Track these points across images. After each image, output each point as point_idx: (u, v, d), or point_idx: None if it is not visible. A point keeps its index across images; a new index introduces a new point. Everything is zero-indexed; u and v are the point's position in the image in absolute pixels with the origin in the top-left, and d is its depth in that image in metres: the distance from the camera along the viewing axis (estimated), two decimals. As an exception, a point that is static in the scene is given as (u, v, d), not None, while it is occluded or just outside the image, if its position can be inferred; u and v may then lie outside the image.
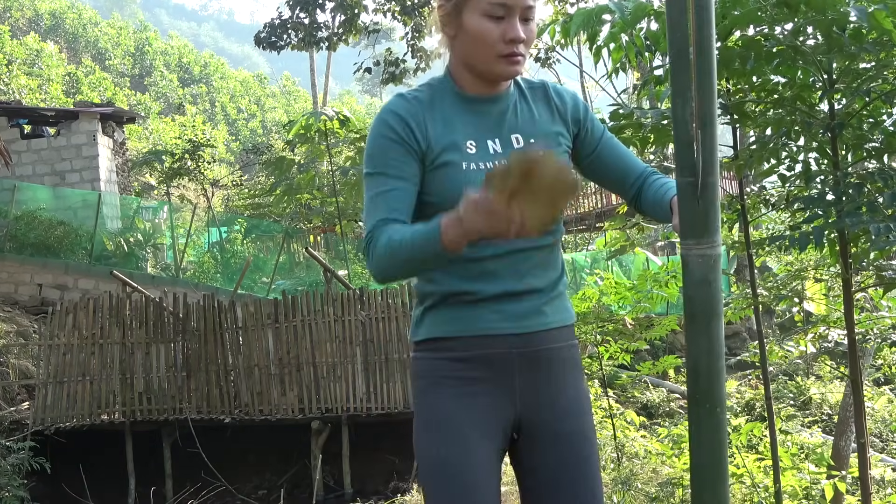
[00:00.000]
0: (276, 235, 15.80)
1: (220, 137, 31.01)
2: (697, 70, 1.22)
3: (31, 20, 38.66)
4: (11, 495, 6.62)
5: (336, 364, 8.10)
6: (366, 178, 1.57)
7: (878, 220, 2.29)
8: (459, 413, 1.56)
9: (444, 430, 1.56)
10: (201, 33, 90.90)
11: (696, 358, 1.29)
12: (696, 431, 1.30)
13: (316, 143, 13.87)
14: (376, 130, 1.57)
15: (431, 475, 1.56)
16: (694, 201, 1.26)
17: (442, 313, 1.60)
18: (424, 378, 1.61)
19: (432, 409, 1.58)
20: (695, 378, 1.30)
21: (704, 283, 1.27)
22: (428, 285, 1.61)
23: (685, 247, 1.28)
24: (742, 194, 3.34)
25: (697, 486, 1.31)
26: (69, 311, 8.38)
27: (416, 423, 1.61)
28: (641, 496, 4.56)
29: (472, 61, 1.56)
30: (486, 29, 1.51)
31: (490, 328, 1.57)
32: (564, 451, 1.60)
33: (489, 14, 1.50)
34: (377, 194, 1.54)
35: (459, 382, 1.57)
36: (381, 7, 17.28)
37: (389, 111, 1.58)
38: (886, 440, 8.38)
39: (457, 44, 1.57)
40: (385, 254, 1.46)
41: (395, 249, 1.45)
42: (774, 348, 4.91)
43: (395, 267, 1.48)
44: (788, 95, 2.65)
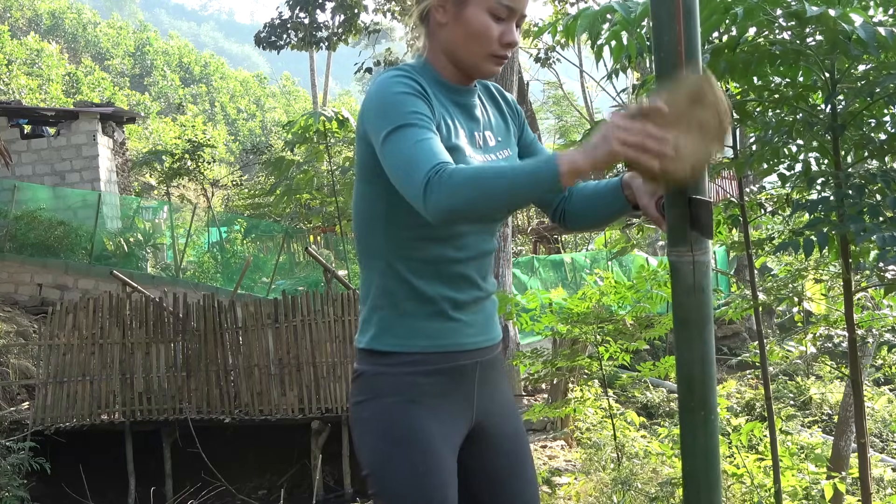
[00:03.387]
0: (276, 235, 15.80)
1: (219, 137, 31.02)
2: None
3: (31, 20, 38.66)
4: (11, 495, 6.62)
5: (336, 364, 8.10)
6: (386, 137, 1.39)
7: (880, 224, 2.30)
8: (432, 429, 1.55)
9: (420, 447, 1.54)
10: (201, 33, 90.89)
11: (689, 366, 1.29)
12: (691, 440, 1.30)
13: (315, 143, 13.87)
14: (390, 89, 1.44)
15: (408, 492, 1.53)
16: (684, 208, 1.26)
17: (415, 324, 1.55)
18: (396, 395, 1.55)
19: (406, 427, 1.54)
20: (689, 386, 1.29)
21: (698, 289, 1.27)
22: (398, 286, 1.54)
23: (676, 254, 1.28)
24: (742, 195, 3.34)
25: (692, 492, 1.32)
26: (69, 311, 8.38)
27: (383, 438, 1.55)
28: (641, 496, 4.56)
29: (459, 54, 1.53)
30: (487, 26, 1.49)
31: (464, 343, 1.58)
32: (514, 448, 1.68)
33: (493, 12, 1.48)
34: (415, 143, 1.36)
35: (430, 397, 1.55)
36: (381, 7, 17.29)
37: (399, 74, 1.47)
38: (886, 440, 8.38)
39: (446, 33, 1.53)
40: (469, 182, 1.29)
41: (486, 178, 1.30)
42: (774, 348, 4.90)
43: (479, 198, 1.30)
44: (790, 95, 2.65)
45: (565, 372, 6.28)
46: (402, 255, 1.54)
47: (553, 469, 5.94)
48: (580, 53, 23.95)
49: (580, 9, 2.49)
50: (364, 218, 1.59)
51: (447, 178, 1.30)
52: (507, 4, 1.48)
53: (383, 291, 1.56)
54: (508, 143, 1.67)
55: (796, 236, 2.52)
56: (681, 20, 1.22)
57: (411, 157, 1.35)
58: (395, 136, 1.38)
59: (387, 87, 1.45)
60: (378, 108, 1.44)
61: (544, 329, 5.26)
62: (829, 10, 2.07)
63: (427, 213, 1.33)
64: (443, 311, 1.55)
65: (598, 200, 1.61)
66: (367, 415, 1.58)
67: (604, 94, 24.53)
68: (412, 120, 1.39)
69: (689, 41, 1.23)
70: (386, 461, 1.55)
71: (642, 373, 5.46)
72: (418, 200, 1.33)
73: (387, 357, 1.57)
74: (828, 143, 2.64)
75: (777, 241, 2.96)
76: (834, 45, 2.29)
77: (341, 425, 8.04)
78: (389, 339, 1.56)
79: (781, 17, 2.26)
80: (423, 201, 1.32)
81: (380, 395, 1.57)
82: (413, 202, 1.35)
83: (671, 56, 1.24)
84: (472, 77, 1.58)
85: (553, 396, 7.14)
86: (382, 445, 1.56)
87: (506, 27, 1.50)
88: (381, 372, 1.57)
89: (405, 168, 1.36)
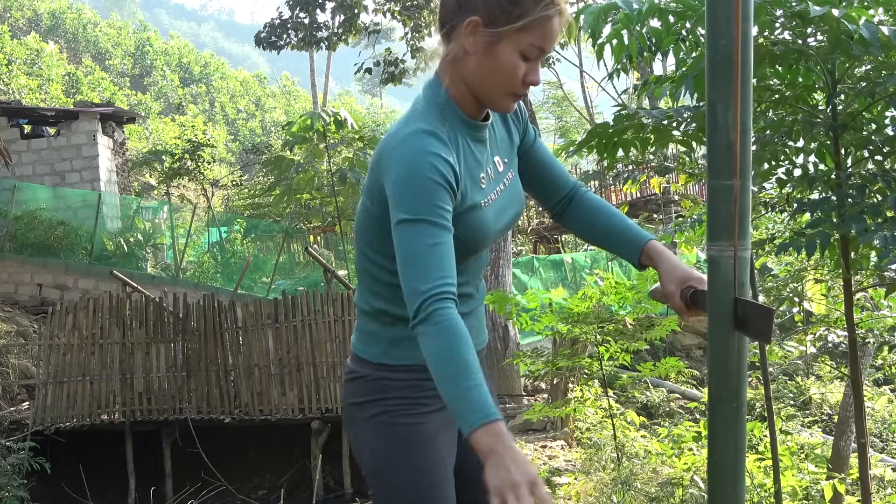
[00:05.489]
0: (276, 235, 15.80)
1: (219, 137, 31.02)
2: (742, 77, 1.27)
3: (31, 20, 38.67)
4: (11, 495, 6.62)
5: (336, 364, 8.10)
6: (404, 222, 1.41)
7: (881, 224, 2.30)
8: (435, 431, 1.60)
9: (423, 448, 1.57)
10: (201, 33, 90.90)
11: (725, 357, 1.33)
12: (721, 430, 1.35)
13: (315, 143, 13.88)
14: (420, 169, 1.43)
15: (410, 492, 1.55)
16: (730, 204, 1.29)
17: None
18: (401, 399, 1.58)
19: (410, 428, 1.57)
20: (724, 377, 1.33)
21: (739, 284, 1.31)
22: (399, 309, 1.52)
23: (718, 248, 1.31)
24: (742, 194, 3.33)
25: (722, 484, 1.35)
26: (69, 311, 8.38)
27: (386, 438, 1.57)
28: (641, 496, 4.56)
29: (481, 86, 1.52)
30: (515, 65, 1.47)
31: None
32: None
33: (524, 53, 1.47)
34: (427, 246, 1.40)
35: (433, 400, 1.57)
36: (380, 7, 17.28)
37: (432, 153, 1.45)
38: (886, 440, 8.38)
39: (472, 62, 1.50)
40: (438, 350, 1.35)
41: (445, 362, 1.35)
42: (774, 348, 4.91)
43: (436, 364, 1.36)
44: (790, 95, 2.65)
45: (565, 372, 6.28)
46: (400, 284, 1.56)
47: (553, 469, 5.94)
48: (580, 53, 23.96)
49: (580, 7, 2.48)
50: (364, 244, 1.61)
51: (433, 326, 1.35)
52: (539, 46, 1.47)
53: (386, 313, 1.59)
54: (512, 164, 1.69)
55: (797, 236, 2.52)
56: (739, 24, 1.25)
57: (421, 261, 1.39)
58: (414, 227, 1.41)
59: (420, 165, 1.43)
60: (406, 183, 1.43)
61: (544, 329, 5.26)
62: (832, 10, 2.07)
63: (412, 319, 1.39)
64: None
65: (608, 234, 1.67)
66: (369, 416, 1.60)
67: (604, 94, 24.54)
68: (434, 217, 1.41)
69: (745, 45, 1.27)
70: (388, 462, 1.57)
71: (643, 373, 5.46)
72: (409, 307, 1.39)
73: (393, 368, 1.60)
74: (828, 143, 2.64)
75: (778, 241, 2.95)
76: (835, 45, 2.29)
77: (341, 425, 8.03)
78: (398, 353, 1.59)
79: (782, 17, 2.26)
80: (412, 316, 1.38)
81: (384, 397, 1.59)
82: (404, 298, 1.41)
83: (726, 60, 1.28)
84: (485, 110, 1.59)
85: (553, 396, 7.14)
86: (385, 446, 1.57)
87: (531, 67, 1.50)
88: (386, 377, 1.60)
89: (412, 267, 1.40)
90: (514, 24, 1.44)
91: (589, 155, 3.23)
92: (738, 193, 1.29)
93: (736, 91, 1.27)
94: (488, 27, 1.46)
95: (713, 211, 1.31)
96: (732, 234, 1.29)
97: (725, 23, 1.26)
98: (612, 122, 2.82)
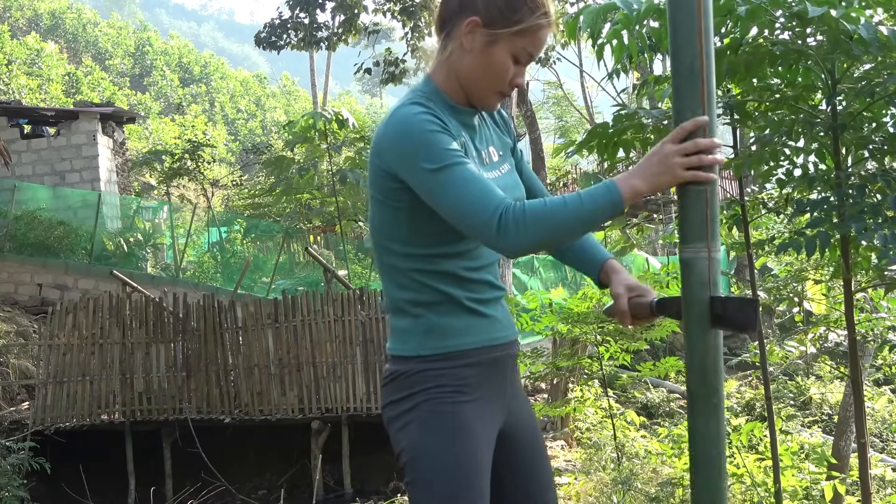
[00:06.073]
0: (276, 235, 15.80)
1: (219, 137, 31.01)
2: (706, 89, 1.35)
3: (31, 20, 38.65)
4: (11, 495, 6.62)
5: (336, 364, 8.10)
6: (430, 172, 1.48)
7: (881, 224, 2.30)
8: (475, 419, 1.62)
9: (463, 435, 1.60)
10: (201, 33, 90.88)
11: (703, 356, 1.39)
12: (703, 426, 1.40)
13: (316, 143, 13.87)
14: (421, 126, 1.51)
15: (449, 478, 1.57)
16: (702, 208, 1.37)
17: (452, 325, 1.62)
18: (442, 387, 1.61)
19: (451, 416, 1.60)
20: (702, 375, 1.39)
21: (712, 284, 1.37)
22: (426, 295, 1.61)
23: (693, 250, 1.38)
24: (742, 195, 3.34)
25: (704, 478, 1.41)
26: (69, 311, 8.38)
27: (427, 425, 1.60)
28: (641, 496, 4.56)
29: (472, 83, 1.62)
30: (506, 66, 1.59)
31: (496, 337, 1.68)
32: (535, 440, 1.79)
33: (516, 56, 1.58)
34: (474, 178, 1.47)
35: (472, 389, 1.63)
36: (380, 7, 17.27)
37: (421, 113, 1.53)
38: (886, 440, 8.37)
39: (467, 60, 1.60)
40: (540, 219, 1.42)
41: (554, 211, 1.42)
42: (774, 348, 4.90)
43: (550, 231, 1.42)
44: (790, 95, 2.65)
45: (565, 372, 6.29)
46: (424, 270, 1.62)
47: (553, 469, 5.94)
48: (580, 53, 23.96)
49: (580, 8, 2.48)
50: (383, 238, 1.65)
51: (519, 216, 1.41)
52: (530, 52, 1.58)
53: (415, 303, 1.63)
54: (507, 157, 1.78)
55: (797, 236, 2.53)
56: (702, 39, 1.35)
57: (471, 197, 1.45)
58: (445, 175, 1.47)
59: (414, 124, 1.51)
60: (411, 145, 1.50)
61: (544, 329, 5.26)
62: (831, 11, 2.08)
63: (500, 249, 1.46)
64: (473, 310, 1.64)
65: (574, 254, 1.80)
66: (409, 407, 1.62)
67: (604, 93, 24.54)
68: (455, 159, 1.48)
69: (708, 59, 1.36)
70: (428, 447, 1.59)
71: (642, 373, 5.46)
72: (488, 240, 1.45)
73: (430, 359, 1.63)
74: (828, 143, 2.64)
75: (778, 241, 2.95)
76: (835, 45, 2.29)
77: (341, 425, 8.04)
78: (433, 343, 1.62)
79: (782, 17, 2.26)
80: (496, 240, 1.43)
81: (424, 388, 1.62)
82: (479, 238, 1.47)
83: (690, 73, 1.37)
84: (474, 105, 1.67)
85: (553, 396, 7.14)
86: (426, 433, 1.60)
87: (518, 70, 1.60)
88: (426, 369, 1.62)
89: (467, 207, 1.45)
90: (510, 28, 1.56)
91: (589, 155, 3.24)
92: (708, 198, 1.36)
93: (702, 100, 1.35)
94: (487, 28, 1.56)
95: (686, 215, 1.38)
96: (705, 236, 1.36)
97: (688, 39, 1.35)
98: (611, 122, 2.82)
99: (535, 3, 1.57)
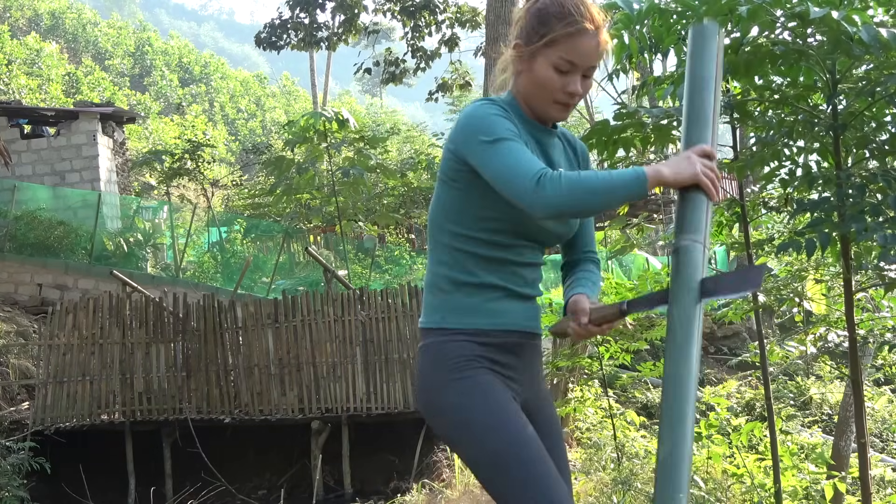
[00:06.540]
0: (276, 235, 15.80)
1: (219, 137, 31.01)
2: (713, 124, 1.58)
3: (31, 20, 38.65)
4: (11, 495, 6.62)
5: (336, 364, 8.10)
6: (491, 144, 1.64)
7: (881, 224, 2.30)
8: (497, 383, 1.75)
9: (501, 394, 1.73)
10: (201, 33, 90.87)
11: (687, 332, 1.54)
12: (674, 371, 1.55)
13: (315, 143, 13.86)
14: (485, 111, 1.69)
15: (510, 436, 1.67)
16: (703, 208, 1.56)
17: (477, 306, 1.76)
18: (460, 356, 1.74)
19: (475, 380, 1.72)
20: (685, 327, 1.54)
21: (705, 266, 1.57)
22: (463, 275, 1.76)
23: (690, 239, 1.56)
24: (742, 195, 3.34)
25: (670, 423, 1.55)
26: (69, 311, 8.38)
27: (464, 390, 1.71)
28: (641, 496, 4.56)
29: (530, 99, 1.78)
30: (550, 78, 1.72)
31: (517, 323, 1.81)
32: (552, 430, 1.87)
33: (557, 66, 1.71)
34: (522, 150, 1.63)
35: (487, 361, 1.76)
36: (380, 7, 17.28)
37: (489, 105, 1.71)
38: (886, 440, 8.37)
39: (522, 80, 1.78)
40: (574, 185, 1.55)
41: (587, 181, 1.56)
42: (775, 348, 4.90)
43: (581, 198, 1.56)
44: (791, 95, 2.65)
45: (565, 372, 6.28)
46: (468, 252, 1.77)
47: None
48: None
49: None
50: (439, 215, 1.81)
51: (556, 179, 1.55)
52: (569, 59, 1.70)
53: (449, 280, 1.78)
54: None
55: (797, 236, 2.53)
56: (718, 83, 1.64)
57: (516, 162, 1.60)
58: (497, 146, 1.63)
59: (482, 110, 1.70)
60: (475, 124, 1.68)
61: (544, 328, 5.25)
62: (832, 13, 2.07)
63: (533, 207, 1.58)
64: (501, 296, 1.78)
65: (567, 271, 1.96)
66: (444, 381, 1.75)
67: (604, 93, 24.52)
68: (510, 136, 1.65)
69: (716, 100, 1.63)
70: (469, 410, 1.71)
71: (643, 373, 5.46)
72: (525, 197, 1.58)
73: (450, 332, 1.77)
74: (829, 142, 2.64)
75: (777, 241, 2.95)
76: (836, 46, 2.29)
77: (341, 425, 8.04)
78: (454, 318, 1.77)
79: (783, 17, 2.26)
80: (532, 197, 1.57)
81: (447, 357, 1.75)
82: (517, 199, 1.59)
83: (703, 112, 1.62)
84: (542, 119, 1.81)
85: (553, 396, 7.13)
86: (463, 398, 1.72)
87: (569, 78, 1.72)
88: (446, 341, 1.77)
89: (511, 171, 1.60)
90: (542, 41, 1.72)
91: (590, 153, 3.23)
92: (708, 206, 1.58)
93: (712, 138, 1.58)
94: (526, 47, 1.75)
95: (687, 212, 1.56)
96: (702, 230, 1.55)
97: (706, 82, 1.58)
98: (612, 120, 2.82)
99: (561, 12, 1.70)
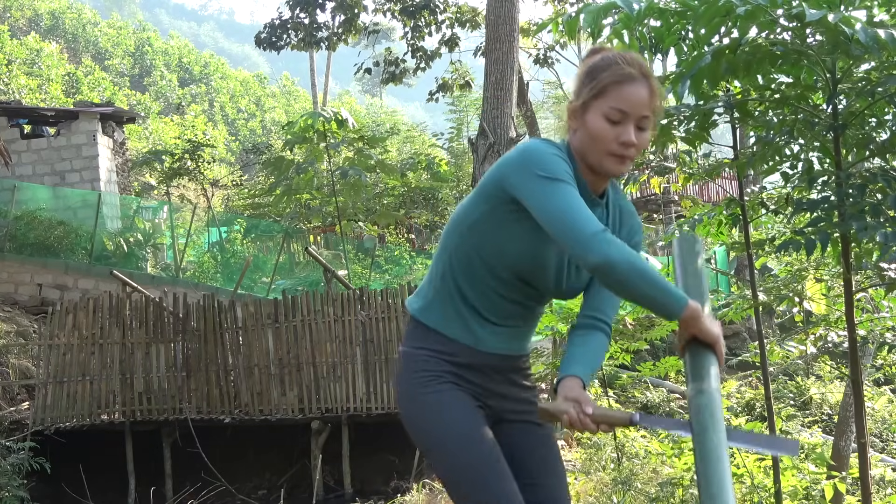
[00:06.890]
0: (276, 235, 15.80)
1: (219, 137, 31.01)
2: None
3: (31, 20, 38.65)
4: (11, 495, 6.62)
5: (336, 364, 8.10)
6: (543, 179, 1.64)
7: (881, 223, 2.30)
8: (456, 395, 1.81)
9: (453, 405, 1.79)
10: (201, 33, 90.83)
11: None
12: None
13: (315, 143, 13.87)
14: (546, 149, 1.70)
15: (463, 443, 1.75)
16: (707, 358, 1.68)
17: (453, 312, 1.82)
18: (429, 371, 1.81)
19: (449, 395, 1.79)
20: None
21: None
22: (451, 280, 1.82)
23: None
24: (742, 195, 3.34)
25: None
26: (69, 311, 8.38)
27: (428, 403, 1.79)
28: (641, 496, 4.56)
29: (586, 153, 1.75)
30: (603, 129, 1.70)
31: (485, 346, 1.85)
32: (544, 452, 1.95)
33: (608, 117, 1.70)
34: (577, 198, 1.63)
35: (452, 378, 1.81)
36: (380, 7, 17.27)
37: (551, 146, 1.72)
38: (886, 440, 8.37)
39: (577, 136, 1.77)
40: (635, 259, 1.59)
41: (642, 272, 1.59)
42: (775, 348, 4.89)
43: (634, 272, 1.58)
44: (791, 95, 2.65)
45: (565, 372, 6.27)
46: (465, 265, 1.81)
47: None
48: (580, 53, 23.95)
49: (580, 7, 2.48)
50: (456, 222, 1.84)
51: (616, 247, 1.57)
52: (619, 108, 1.69)
53: (442, 278, 1.84)
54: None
55: (797, 236, 2.52)
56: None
57: (579, 207, 1.61)
58: (556, 185, 1.64)
59: (543, 148, 1.70)
60: (533, 158, 1.68)
61: (544, 329, 5.26)
62: (828, 15, 2.07)
63: (590, 251, 1.57)
64: (474, 319, 1.82)
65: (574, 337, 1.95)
66: (405, 386, 1.84)
67: (604, 94, 24.50)
68: (569, 180, 1.65)
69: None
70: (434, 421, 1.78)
71: (642, 373, 5.46)
72: (584, 240, 1.58)
73: (425, 334, 1.84)
74: (829, 142, 2.64)
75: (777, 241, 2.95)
76: (835, 46, 2.29)
77: (341, 425, 8.04)
78: (431, 316, 1.84)
79: (782, 18, 2.26)
80: (592, 242, 1.57)
81: (414, 369, 1.83)
82: (573, 240, 1.59)
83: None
84: (600, 174, 1.78)
85: (553, 396, 7.13)
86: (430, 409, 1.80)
87: (622, 129, 1.70)
88: (417, 353, 1.83)
89: (571, 216, 1.60)
90: (591, 94, 1.72)
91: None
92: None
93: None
94: (579, 101, 1.75)
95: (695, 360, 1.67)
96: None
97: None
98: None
99: (607, 63, 1.71)
